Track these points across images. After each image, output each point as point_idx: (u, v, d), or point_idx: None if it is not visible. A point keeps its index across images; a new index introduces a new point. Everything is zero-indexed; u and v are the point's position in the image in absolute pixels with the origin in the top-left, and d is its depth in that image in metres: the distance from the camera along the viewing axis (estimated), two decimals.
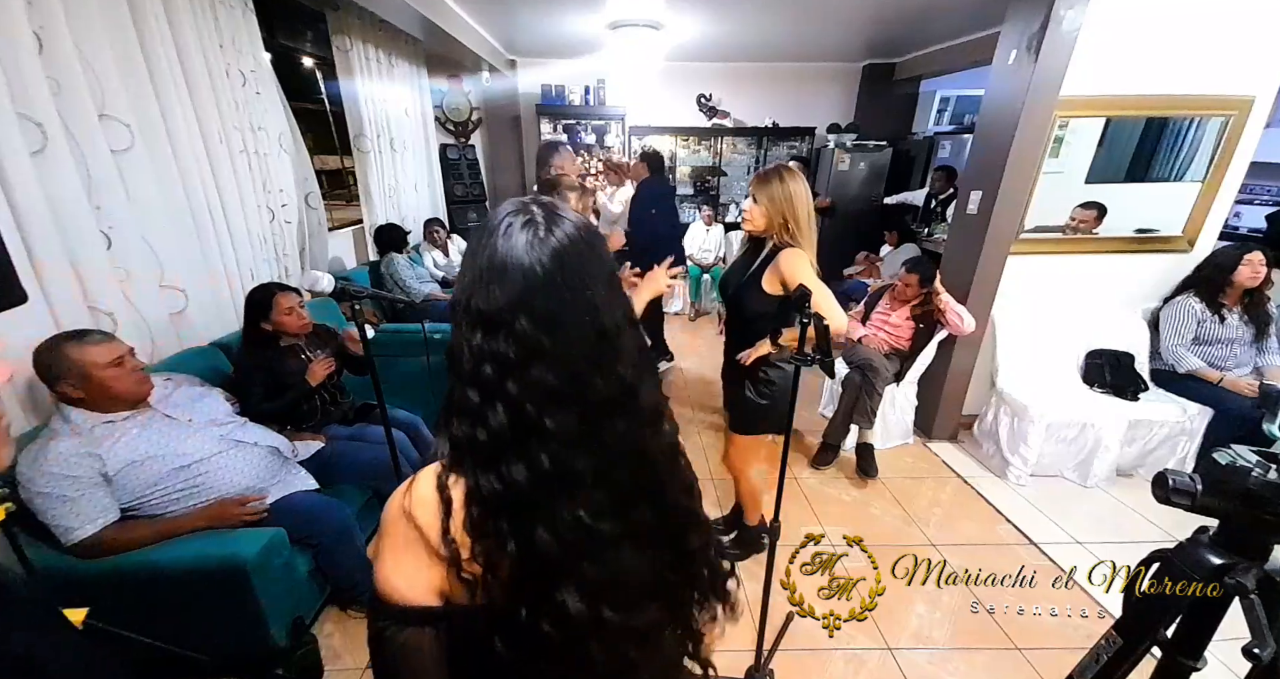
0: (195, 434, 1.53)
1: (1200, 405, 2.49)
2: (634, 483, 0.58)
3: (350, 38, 3.21)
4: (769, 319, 1.65)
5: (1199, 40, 2.31)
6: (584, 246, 0.53)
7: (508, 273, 0.51)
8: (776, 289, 1.61)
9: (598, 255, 0.55)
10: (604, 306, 0.53)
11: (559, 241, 0.52)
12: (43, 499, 1.28)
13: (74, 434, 1.34)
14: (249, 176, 2.27)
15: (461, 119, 5.27)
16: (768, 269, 1.61)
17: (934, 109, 6.04)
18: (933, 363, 2.79)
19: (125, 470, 1.38)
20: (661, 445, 0.61)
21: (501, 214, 0.54)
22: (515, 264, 0.51)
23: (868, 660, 1.70)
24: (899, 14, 3.62)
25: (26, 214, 1.40)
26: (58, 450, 1.30)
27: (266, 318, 1.90)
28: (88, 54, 1.56)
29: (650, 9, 3.35)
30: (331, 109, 3.76)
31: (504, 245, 0.52)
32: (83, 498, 1.31)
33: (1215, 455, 0.78)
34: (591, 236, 0.55)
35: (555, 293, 0.51)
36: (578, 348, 0.52)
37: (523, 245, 0.51)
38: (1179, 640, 0.85)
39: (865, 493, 2.53)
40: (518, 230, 0.52)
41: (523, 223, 0.52)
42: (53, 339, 1.36)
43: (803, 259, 1.58)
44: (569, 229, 0.53)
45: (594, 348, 0.53)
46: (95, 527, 1.32)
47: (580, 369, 0.52)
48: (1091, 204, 2.63)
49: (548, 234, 0.52)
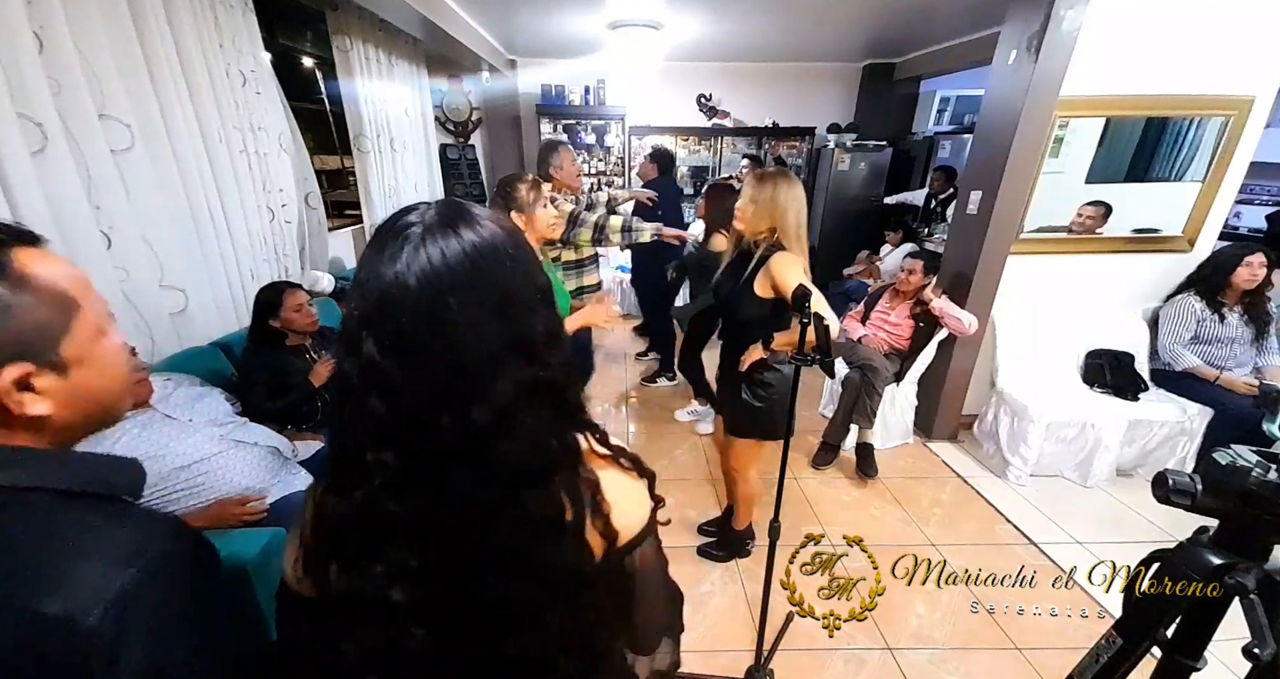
0: (195, 434, 1.53)
1: (1200, 405, 2.49)
2: (459, 558, 0.48)
3: (350, 38, 3.20)
4: (763, 323, 1.65)
5: (1199, 40, 2.31)
6: (465, 264, 0.45)
7: (365, 286, 0.45)
8: (768, 293, 1.60)
9: (486, 276, 0.46)
10: (473, 337, 0.45)
11: (430, 259, 0.44)
12: None
13: None
14: (249, 176, 2.27)
15: (461, 119, 5.27)
16: (759, 273, 1.61)
17: (934, 109, 6.04)
18: (933, 363, 2.79)
19: None
20: (529, 520, 0.48)
21: (393, 216, 0.48)
22: (375, 278, 0.44)
23: (868, 660, 1.70)
24: (899, 14, 3.62)
25: (26, 214, 1.40)
26: None
27: (275, 315, 1.92)
28: (88, 54, 1.56)
29: (650, 9, 3.35)
30: (331, 109, 3.76)
31: (370, 254, 0.46)
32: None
33: (1215, 455, 0.78)
34: (487, 252, 0.46)
35: (406, 314, 0.44)
36: (426, 381, 0.45)
37: (386, 257, 0.44)
38: (1179, 640, 0.85)
39: (865, 493, 2.53)
40: (395, 236, 0.45)
41: (403, 227, 0.46)
42: None
43: (795, 262, 1.57)
44: (455, 246, 0.45)
45: (448, 384, 0.45)
46: None
47: (423, 406, 0.45)
48: (1099, 202, 2.63)
49: (420, 247, 0.44)
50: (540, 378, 0.48)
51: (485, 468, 0.47)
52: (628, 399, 3.50)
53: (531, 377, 0.47)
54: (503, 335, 0.46)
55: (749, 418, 1.78)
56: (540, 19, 3.75)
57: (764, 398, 1.73)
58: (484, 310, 0.45)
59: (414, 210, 0.47)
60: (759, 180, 1.61)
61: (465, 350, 0.45)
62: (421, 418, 0.45)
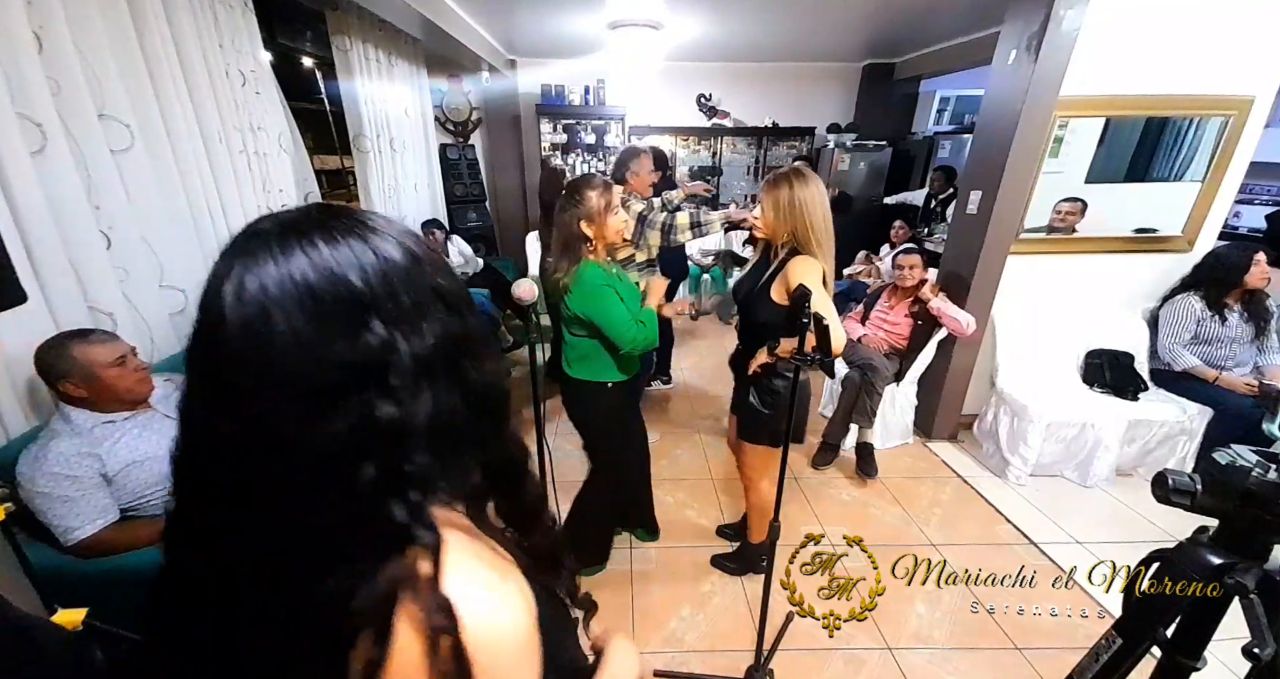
0: None
1: (1200, 405, 2.49)
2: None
3: (350, 38, 3.20)
4: (778, 328, 1.61)
5: (1199, 40, 2.31)
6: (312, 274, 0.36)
7: (200, 307, 0.38)
8: (784, 298, 1.57)
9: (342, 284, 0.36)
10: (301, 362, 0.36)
11: (266, 279, 0.36)
12: (43, 499, 1.27)
13: (74, 434, 1.34)
14: (249, 176, 2.27)
15: (461, 119, 5.27)
16: (778, 278, 1.59)
17: (934, 109, 6.04)
18: (932, 362, 2.79)
19: (125, 471, 1.38)
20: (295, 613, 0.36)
21: (250, 223, 0.40)
22: (203, 297, 0.38)
23: (868, 660, 1.70)
24: (899, 14, 3.62)
25: (26, 214, 1.40)
26: (58, 450, 1.30)
27: None
28: (88, 54, 1.56)
29: (650, 9, 3.35)
30: (331, 109, 3.77)
31: (218, 261, 0.38)
32: (83, 498, 1.31)
33: (1215, 455, 0.78)
34: (345, 260, 0.37)
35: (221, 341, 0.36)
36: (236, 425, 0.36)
37: (218, 270, 0.38)
38: (1179, 640, 0.85)
39: (865, 493, 2.53)
40: (238, 250, 0.38)
41: (250, 235, 0.38)
42: (56, 338, 1.36)
43: (813, 268, 1.53)
44: (299, 263, 0.36)
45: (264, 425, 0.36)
46: (95, 527, 1.32)
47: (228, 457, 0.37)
48: (1075, 198, 2.63)
49: (259, 263, 0.36)
50: (390, 417, 0.37)
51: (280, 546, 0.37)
52: None
53: (377, 412, 0.36)
54: (345, 358, 0.36)
55: (756, 423, 1.76)
56: (540, 19, 3.75)
57: (771, 405, 1.70)
58: (322, 329, 0.36)
59: (269, 217, 0.40)
60: (774, 184, 1.57)
61: (290, 382, 0.35)
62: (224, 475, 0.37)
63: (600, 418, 1.81)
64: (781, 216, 1.56)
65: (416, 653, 0.35)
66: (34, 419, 1.48)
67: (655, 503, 2.20)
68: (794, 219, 1.55)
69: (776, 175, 1.59)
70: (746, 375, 1.73)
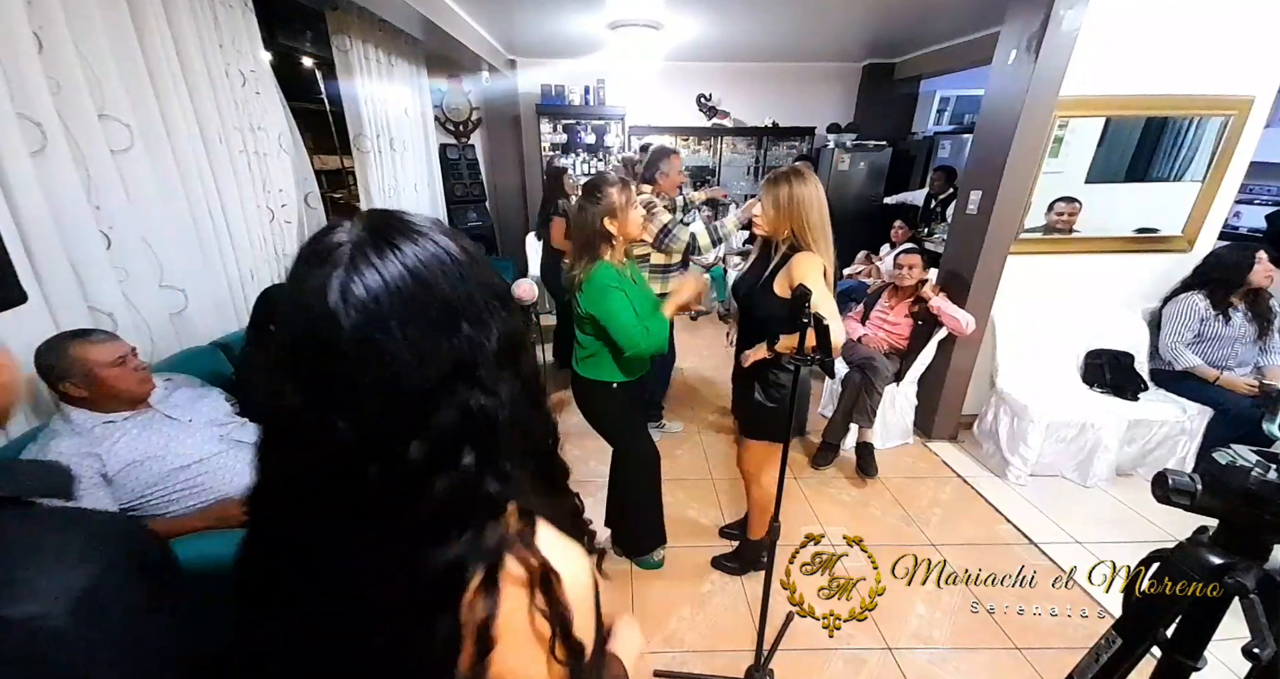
0: (195, 434, 1.53)
1: (1200, 405, 2.49)
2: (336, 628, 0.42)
3: (350, 37, 3.20)
4: (779, 323, 1.62)
5: (1199, 40, 2.31)
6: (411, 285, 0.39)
7: (288, 320, 0.41)
8: (787, 292, 1.58)
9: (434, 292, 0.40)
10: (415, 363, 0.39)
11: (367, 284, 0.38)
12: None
13: (75, 434, 1.34)
14: (249, 176, 2.27)
15: (461, 119, 5.27)
16: (780, 273, 1.61)
17: (934, 109, 6.04)
18: (933, 362, 2.79)
19: (125, 470, 1.38)
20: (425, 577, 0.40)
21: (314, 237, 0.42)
22: (299, 310, 0.40)
23: (868, 660, 1.70)
24: (899, 14, 3.62)
25: (26, 214, 1.40)
26: (58, 450, 1.30)
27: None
28: (87, 54, 1.56)
29: (650, 9, 3.35)
30: (331, 109, 3.76)
31: (292, 284, 0.41)
32: (82, 499, 1.30)
33: (1215, 455, 0.78)
34: (431, 266, 0.40)
35: (338, 353, 0.38)
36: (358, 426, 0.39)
37: (312, 288, 0.39)
38: (1179, 640, 0.85)
39: (865, 493, 2.53)
40: (322, 261, 0.39)
41: (329, 249, 0.40)
42: (56, 338, 1.36)
43: (815, 264, 1.55)
44: (391, 268, 0.39)
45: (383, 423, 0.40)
46: None
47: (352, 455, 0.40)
48: (1071, 198, 2.63)
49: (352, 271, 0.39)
50: (486, 406, 0.42)
51: (402, 522, 0.40)
52: None
53: (477, 403, 0.41)
54: (448, 357, 0.40)
55: (762, 419, 1.77)
56: (540, 19, 3.75)
57: (777, 399, 1.72)
58: (428, 333, 0.40)
59: (337, 229, 0.41)
60: (774, 182, 1.60)
61: (407, 380, 0.39)
62: (346, 471, 0.40)
63: (610, 416, 1.86)
64: (781, 213, 1.59)
65: (522, 603, 0.41)
66: (34, 420, 1.48)
67: None
68: (793, 216, 1.58)
69: (776, 174, 1.62)
70: (749, 374, 1.74)
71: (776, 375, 1.71)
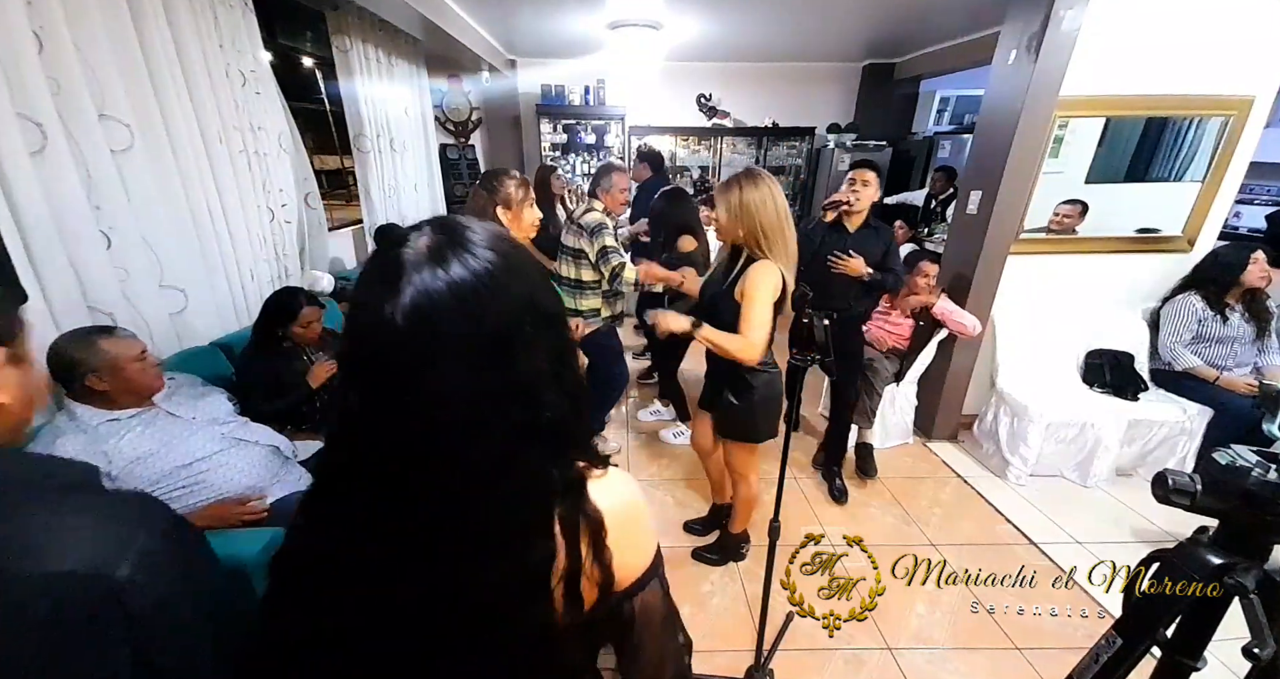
0: (198, 432, 1.54)
1: (1200, 405, 2.49)
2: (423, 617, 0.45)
3: (350, 38, 3.20)
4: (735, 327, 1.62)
5: (1199, 40, 2.31)
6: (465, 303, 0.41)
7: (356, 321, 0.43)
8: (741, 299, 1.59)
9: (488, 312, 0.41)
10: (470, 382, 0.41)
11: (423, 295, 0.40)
12: None
13: (80, 431, 1.35)
14: (249, 176, 2.27)
15: (461, 119, 5.27)
16: (739, 281, 1.60)
17: (934, 109, 6.04)
18: (932, 362, 2.78)
19: (128, 467, 1.39)
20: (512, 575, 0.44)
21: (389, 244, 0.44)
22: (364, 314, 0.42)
23: (868, 660, 1.70)
24: (899, 14, 3.62)
25: (26, 214, 1.40)
26: (64, 448, 1.31)
27: (286, 325, 1.94)
28: (88, 54, 1.56)
29: (650, 9, 3.35)
30: (331, 109, 3.76)
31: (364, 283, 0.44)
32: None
33: (1215, 455, 0.78)
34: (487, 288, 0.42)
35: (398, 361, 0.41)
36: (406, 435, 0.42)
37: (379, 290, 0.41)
38: (1179, 640, 0.85)
39: (865, 493, 2.53)
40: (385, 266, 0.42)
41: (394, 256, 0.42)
42: (84, 332, 1.39)
43: (766, 274, 1.54)
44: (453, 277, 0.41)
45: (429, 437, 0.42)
46: None
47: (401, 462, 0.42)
48: (1075, 201, 2.63)
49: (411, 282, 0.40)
50: (542, 419, 0.44)
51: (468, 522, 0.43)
52: (625, 397, 3.49)
53: (530, 420, 0.43)
54: (499, 379, 0.42)
55: (730, 418, 1.77)
56: (540, 19, 3.75)
57: (745, 398, 1.71)
58: (480, 352, 0.41)
59: (415, 230, 0.44)
60: (725, 186, 1.58)
61: (456, 397, 0.41)
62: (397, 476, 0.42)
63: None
64: (733, 217, 1.56)
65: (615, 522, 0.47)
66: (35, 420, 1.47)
67: (653, 502, 2.20)
68: (744, 221, 1.55)
69: (727, 178, 1.60)
70: (718, 375, 1.75)
71: (747, 379, 1.69)
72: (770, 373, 1.70)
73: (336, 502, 0.46)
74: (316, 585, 0.46)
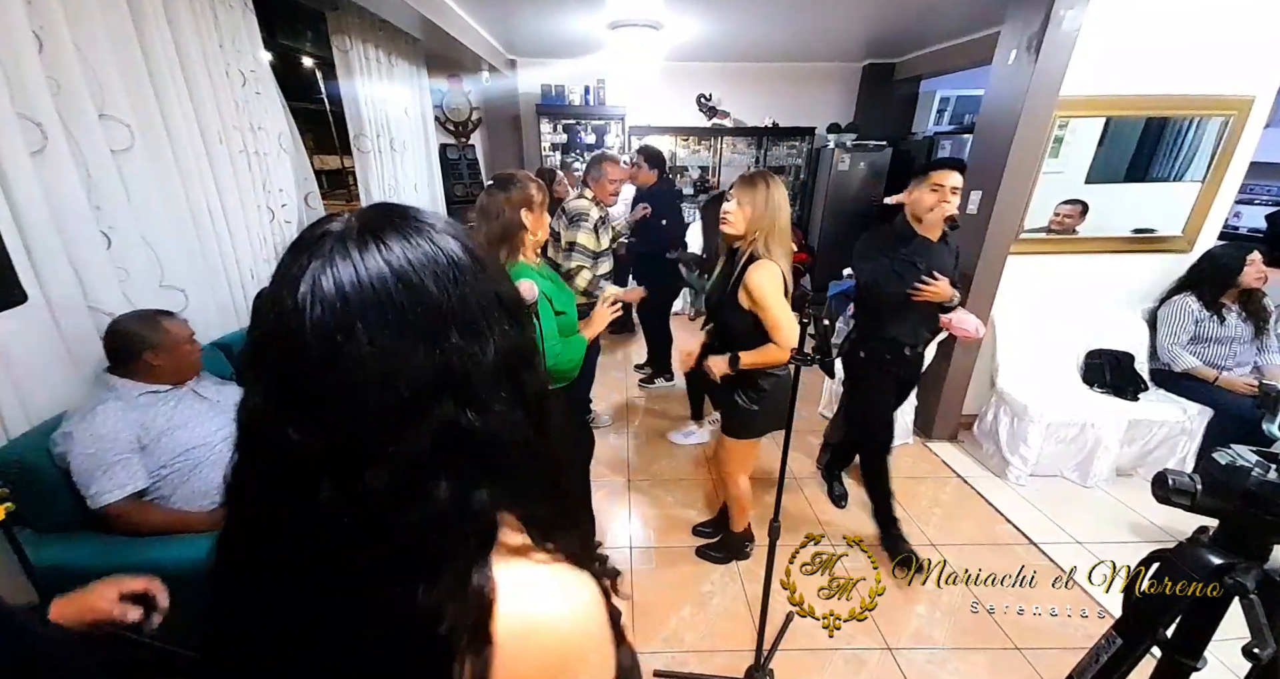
0: (217, 416, 1.62)
1: (1200, 405, 2.49)
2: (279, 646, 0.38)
3: (350, 38, 3.20)
4: (748, 337, 1.64)
5: (1199, 40, 2.31)
6: (391, 284, 0.36)
7: (259, 313, 0.39)
8: (750, 304, 1.60)
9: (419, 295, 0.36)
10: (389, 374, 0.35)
11: (338, 277, 0.35)
12: (83, 460, 1.36)
13: (119, 400, 1.45)
14: (249, 176, 2.26)
15: (461, 119, 5.27)
16: (741, 285, 1.60)
17: (934, 109, 6.03)
18: (933, 363, 2.78)
19: (157, 438, 1.47)
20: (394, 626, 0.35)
21: (309, 227, 0.40)
22: (270, 301, 0.37)
23: (868, 660, 1.70)
24: (899, 14, 3.62)
25: (26, 214, 1.40)
26: (106, 414, 1.40)
27: None
28: (88, 54, 1.56)
29: (650, 9, 3.35)
30: (331, 109, 3.77)
31: (277, 271, 0.38)
32: (119, 463, 1.39)
33: (1215, 455, 0.78)
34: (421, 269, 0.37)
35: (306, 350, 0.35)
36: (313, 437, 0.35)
37: (289, 275, 0.36)
38: (1179, 640, 0.85)
39: (865, 493, 2.53)
40: (305, 250, 0.37)
41: (316, 239, 0.38)
42: (149, 312, 1.54)
43: (769, 275, 1.55)
44: (376, 259, 0.36)
45: (341, 438, 0.35)
46: (124, 492, 1.40)
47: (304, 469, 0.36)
48: (1075, 201, 2.63)
49: (328, 263, 0.36)
50: (473, 428, 0.37)
51: (363, 557, 0.35)
52: (628, 401, 3.50)
53: (460, 423, 0.37)
54: (427, 369, 0.36)
55: (742, 420, 1.78)
56: (540, 19, 3.75)
57: (757, 401, 1.72)
58: (405, 339, 0.35)
59: (332, 219, 0.39)
60: (750, 183, 1.59)
61: (371, 392, 0.35)
62: (300, 487, 0.35)
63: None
64: (757, 212, 1.58)
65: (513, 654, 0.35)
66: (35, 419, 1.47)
67: (654, 502, 2.20)
68: (766, 217, 1.58)
69: (753, 174, 1.61)
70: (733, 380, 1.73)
71: (758, 379, 1.70)
72: (780, 376, 1.71)
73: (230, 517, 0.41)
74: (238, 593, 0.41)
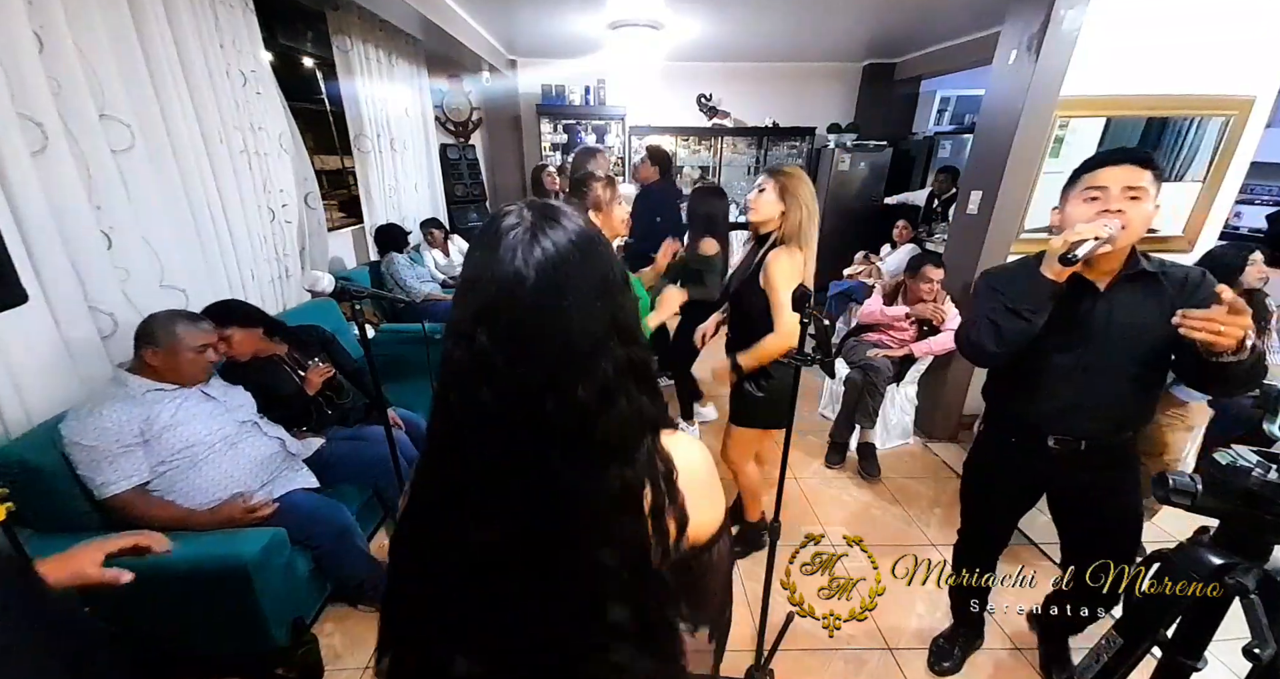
0: (221, 416, 1.63)
1: None
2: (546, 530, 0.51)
3: (350, 38, 3.21)
4: (765, 317, 1.65)
5: (1199, 40, 2.30)
6: (574, 253, 0.49)
7: (479, 283, 0.49)
8: (765, 285, 1.63)
9: (589, 263, 0.50)
10: (581, 321, 0.49)
11: (545, 251, 0.48)
12: (87, 452, 1.37)
13: (128, 397, 1.46)
14: (249, 176, 2.27)
15: (461, 119, 5.27)
16: (763, 268, 1.63)
17: (934, 109, 6.04)
18: (933, 362, 2.78)
19: (160, 434, 1.48)
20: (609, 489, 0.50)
21: (492, 219, 0.52)
22: (491, 275, 0.48)
23: (868, 660, 1.70)
24: (899, 14, 3.62)
25: (27, 214, 1.40)
26: (113, 408, 1.41)
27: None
28: (88, 54, 1.56)
29: (650, 9, 3.35)
30: (331, 109, 3.76)
31: (480, 254, 0.50)
32: (122, 456, 1.41)
33: (1216, 455, 0.78)
34: (585, 242, 0.51)
35: (523, 306, 0.47)
36: (535, 368, 0.48)
37: (501, 255, 0.48)
38: (1179, 640, 0.85)
39: (865, 493, 2.53)
40: (502, 236, 0.49)
41: (508, 228, 0.49)
42: (180, 313, 1.56)
43: (787, 263, 1.58)
44: (559, 236, 0.49)
45: (555, 368, 0.48)
46: (129, 484, 1.42)
47: (530, 392, 0.48)
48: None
49: (534, 242, 0.48)
50: (634, 357, 0.52)
51: (582, 446, 0.49)
52: None
53: (627, 356, 0.51)
54: (605, 318, 0.50)
55: (751, 408, 1.79)
56: (540, 19, 3.75)
57: (765, 388, 1.74)
58: (591, 296, 0.49)
59: (509, 212, 0.51)
60: (790, 176, 1.62)
61: (575, 335, 0.48)
62: (528, 403, 0.48)
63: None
64: (791, 200, 1.61)
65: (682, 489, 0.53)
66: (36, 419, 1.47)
67: None
68: (800, 206, 1.61)
69: (786, 166, 1.66)
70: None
71: (767, 367, 1.72)
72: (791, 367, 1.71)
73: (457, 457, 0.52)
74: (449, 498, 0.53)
